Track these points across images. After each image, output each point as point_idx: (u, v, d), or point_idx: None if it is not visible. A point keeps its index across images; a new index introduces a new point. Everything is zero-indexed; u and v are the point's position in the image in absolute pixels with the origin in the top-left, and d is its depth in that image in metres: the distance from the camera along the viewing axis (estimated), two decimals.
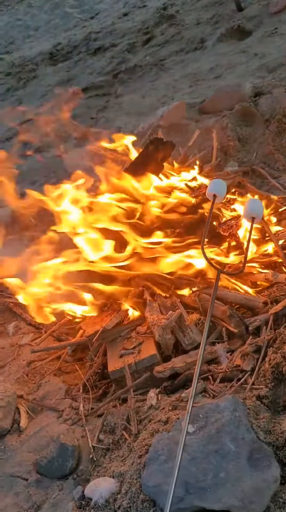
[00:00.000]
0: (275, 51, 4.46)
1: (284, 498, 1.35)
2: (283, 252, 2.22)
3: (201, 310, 2.17)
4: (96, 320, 2.22)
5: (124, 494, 1.51)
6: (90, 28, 8.15)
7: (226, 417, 1.50)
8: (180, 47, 5.72)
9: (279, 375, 1.68)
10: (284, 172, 3.06)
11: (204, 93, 4.17)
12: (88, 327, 2.18)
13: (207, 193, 2.19)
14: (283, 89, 3.42)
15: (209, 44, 5.37)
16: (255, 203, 2.18)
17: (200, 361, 1.65)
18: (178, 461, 1.35)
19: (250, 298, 2.12)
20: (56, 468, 1.76)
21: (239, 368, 1.85)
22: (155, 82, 5.13)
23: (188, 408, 1.48)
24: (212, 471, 1.38)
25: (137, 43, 6.48)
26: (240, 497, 1.32)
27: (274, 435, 1.49)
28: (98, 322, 2.18)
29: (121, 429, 1.82)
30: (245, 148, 3.30)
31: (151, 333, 2.09)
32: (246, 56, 4.65)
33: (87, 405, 2.01)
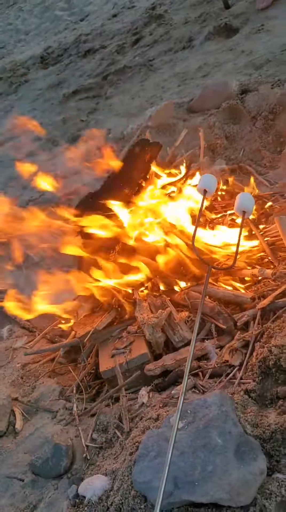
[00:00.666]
0: (262, 47, 4.47)
1: (270, 489, 1.37)
2: (269, 248, 2.25)
3: (190, 307, 2.20)
4: (88, 321, 2.25)
5: (116, 491, 1.54)
6: (80, 30, 8.17)
7: (213, 412, 1.53)
8: (169, 46, 5.74)
9: (266, 369, 1.71)
10: (271, 168, 3.09)
11: (192, 92, 4.18)
12: (80, 329, 2.21)
13: (198, 188, 2.22)
14: (269, 86, 3.44)
15: (197, 43, 5.39)
16: (245, 197, 2.20)
17: (190, 358, 1.68)
18: (168, 457, 1.37)
19: (238, 294, 2.15)
20: (51, 468, 1.79)
21: (228, 364, 1.88)
22: (144, 82, 5.15)
23: (179, 405, 1.51)
24: (200, 465, 1.41)
25: (126, 44, 6.51)
26: (228, 490, 1.34)
27: (261, 428, 1.52)
28: (90, 323, 2.21)
29: (113, 427, 1.85)
30: (233, 146, 3.33)
31: (142, 332, 2.12)
32: (233, 54, 4.67)
33: (80, 405, 2.05)
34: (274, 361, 1.67)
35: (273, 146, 3.22)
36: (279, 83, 3.40)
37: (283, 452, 1.45)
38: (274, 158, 3.16)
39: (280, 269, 2.12)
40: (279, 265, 2.17)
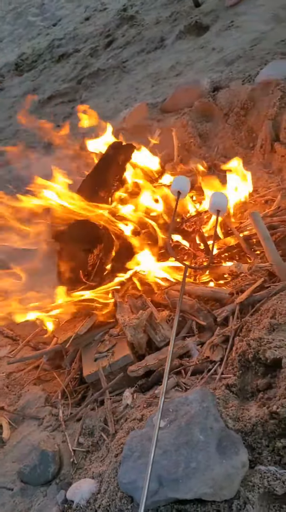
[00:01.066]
0: (232, 44, 4.50)
1: (253, 481, 1.39)
2: (246, 243, 2.27)
3: (170, 306, 2.22)
4: (69, 326, 2.25)
5: (103, 493, 1.55)
6: (53, 35, 8.16)
7: (194, 409, 1.54)
8: (141, 47, 5.76)
9: (245, 363, 1.73)
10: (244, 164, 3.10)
11: (165, 92, 4.20)
12: (61, 334, 2.21)
13: (171, 189, 2.24)
14: (240, 82, 3.47)
15: (168, 43, 5.41)
16: (219, 196, 2.22)
17: (170, 357, 1.69)
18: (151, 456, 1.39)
19: (217, 290, 2.17)
20: (39, 475, 1.79)
21: (209, 360, 1.90)
22: (118, 84, 5.16)
23: (160, 405, 1.52)
24: (183, 462, 1.42)
25: (99, 47, 6.52)
26: (211, 485, 1.36)
27: (243, 421, 1.53)
28: (71, 329, 2.21)
29: (99, 430, 1.86)
30: (206, 144, 3.35)
31: (124, 334, 2.13)
32: (204, 52, 4.69)
33: (66, 411, 2.05)
34: (253, 354, 1.69)
35: (245, 142, 3.25)
36: (250, 79, 3.43)
37: (264, 444, 1.47)
38: (247, 154, 3.18)
39: (256, 263, 2.14)
40: (255, 259, 2.19)
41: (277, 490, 1.35)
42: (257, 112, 3.18)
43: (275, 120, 2.94)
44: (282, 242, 2.24)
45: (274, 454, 1.43)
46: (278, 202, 2.51)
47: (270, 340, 1.67)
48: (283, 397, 1.47)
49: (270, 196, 2.68)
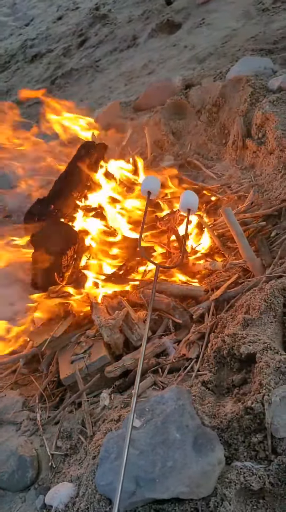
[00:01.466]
0: (204, 41, 4.53)
1: (230, 477, 1.39)
2: (219, 240, 2.28)
3: (146, 305, 2.21)
4: (44, 329, 2.23)
5: (82, 497, 1.53)
6: (26, 35, 8.09)
7: (170, 407, 1.54)
8: (114, 46, 5.75)
9: (221, 359, 1.73)
10: (217, 161, 3.13)
11: (138, 90, 4.21)
12: (36, 338, 2.19)
13: (142, 190, 2.23)
14: (211, 79, 3.48)
15: (141, 41, 5.42)
16: (189, 195, 2.22)
17: (142, 356, 1.68)
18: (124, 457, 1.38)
19: (192, 288, 2.17)
20: (17, 481, 1.77)
21: (185, 357, 1.90)
22: (91, 84, 5.14)
23: (132, 404, 1.52)
24: (160, 461, 1.42)
25: (72, 46, 6.48)
26: (187, 483, 1.36)
27: (219, 418, 1.54)
28: (46, 331, 2.19)
29: (77, 433, 1.84)
30: (180, 141, 3.36)
31: (101, 335, 2.11)
32: (176, 49, 4.71)
33: (44, 414, 2.03)
34: (228, 350, 1.70)
35: (218, 138, 3.26)
36: (221, 76, 3.44)
37: (240, 440, 1.47)
38: (220, 150, 3.19)
39: (230, 260, 2.15)
40: (229, 256, 2.20)
41: (253, 486, 1.35)
42: (229, 108, 3.19)
43: (246, 116, 2.95)
44: (255, 238, 2.25)
45: (250, 450, 1.44)
46: (251, 198, 2.52)
47: (244, 336, 1.68)
48: (257, 392, 1.48)
49: (242, 192, 2.69)
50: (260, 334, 1.67)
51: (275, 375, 1.49)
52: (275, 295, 1.80)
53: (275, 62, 3.40)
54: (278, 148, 2.62)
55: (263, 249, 2.17)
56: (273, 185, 2.57)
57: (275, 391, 1.44)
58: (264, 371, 1.51)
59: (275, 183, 2.55)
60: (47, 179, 2.92)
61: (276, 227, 2.29)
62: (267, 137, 2.76)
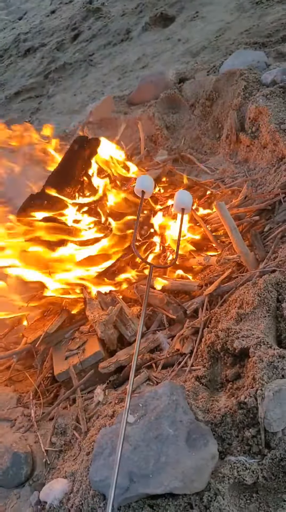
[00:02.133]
0: (198, 34, 4.51)
1: (223, 472, 1.39)
2: (213, 235, 2.27)
3: (140, 301, 2.21)
4: (38, 325, 2.22)
5: (76, 493, 1.53)
6: (19, 29, 8.03)
7: (164, 403, 1.54)
8: (108, 40, 5.71)
9: (214, 354, 1.73)
10: (211, 155, 3.12)
11: (132, 84, 4.18)
12: (30, 334, 2.18)
13: (135, 189, 2.21)
14: (205, 73, 3.46)
15: (135, 34, 5.38)
16: (183, 194, 2.21)
17: (137, 351, 1.68)
18: (118, 453, 1.37)
19: (186, 283, 2.17)
20: (12, 477, 1.77)
21: (179, 352, 1.90)
22: (85, 78, 5.11)
23: (127, 401, 1.51)
24: (154, 457, 1.42)
25: (65, 40, 6.44)
26: (181, 478, 1.36)
27: (212, 413, 1.54)
28: (41, 327, 2.18)
29: (71, 429, 1.84)
30: (173, 136, 3.34)
31: (95, 331, 2.11)
32: (170, 43, 4.68)
33: (39, 411, 2.02)
34: (221, 345, 1.70)
35: (212, 132, 3.24)
36: (215, 69, 3.42)
37: (234, 434, 1.47)
38: (213, 145, 3.18)
39: (224, 255, 2.15)
40: (223, 251, 2.20)
41: (246, 480, 1.35)
42: (222, 102, 3.18)
43: (240, 110, 2.94)
44: (248, 233, 2.24)
45: (244, 444, 1.44)
46: (244, 192, 2.51)
47: (237, 330, 1.68)
48: (251, 386, 1.48)
49: (236, 186, 2.68)
50: (254, 329, 1.67)
51: (268, 370, 1.49)
52: (268, 289, 1.79)
53: (268, 55, 3.38)
54: (272, 142, 2.61)
55: (257, 243, 2.17)
56: (266, 179, 2.56)
57: (268, 386, 1.44)
58: (258, 366, 1.51)
59: (269, 177, 2.55)
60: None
61: (269, 222, 2.28)
62: (260, 131, 2.75)
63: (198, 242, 2.38)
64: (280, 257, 1.99)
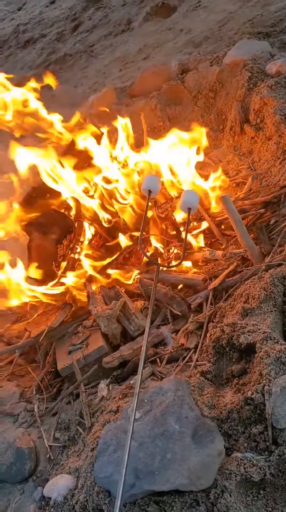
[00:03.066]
0: (200, 25, 4.45)
1: (230, 469, 1.37)
2: (218, 230, 2.25)
3: (144, 295, 2.18)
4: (42, 319, 2.20)
5: (81, 489, 1.52)
6: (18, 20, 7.94)
7: (169, 398, 1.52)
8: (108, 30, 5.65)
9: (220, 349, 1.71)
10: (214, 147, 3.08)
11: (134, 76, 4.14)
12: (34, 328, 2.16)
13: (142, 189, 2.18)
14: (208, 63, 3.41)
15: (136, 25, 5.32)
16: (190, 194, 2.17)
17: (145, 346, 1.65)
18: (126, 453, 1.36)
19: (190, 277, 2.14)
20: (15, 472, 1.76)
21: (184, 347, 1.88)
22: (85, 69, 5.06)
23: (134, 399, 1.49)
24: (159, 454, 1.40)
25: (65, 31, 6.37)
26: (187, 475, 1.34)
27: (218, 409, 1.52)
28: (44, 322, 2.16)
29: (75, 424, 1.82)
30: (176, 127, 3.30)
31: (98, 326, 2.09)
32: (172, 33, 4.63)
33: (42, 406, 2.01)
34: (227, 340, 1.68)
35: (215, 124, 3.21)
36: (218, 60, 3.38)
37: (240, 431, 1.46)
38: (217, 137, 3.15)
39: (230, 249, 2.12)
40: (228, 245, 2.17)
41: (254, 477, 1.34)
42: (226, 93, 3.14)
43: (244, 102, 2.90)
44: (254, 226, 2.22)
45: (250, 441, 1.42)
46: (249, 185, 2.48)
47: (243, 325, 1.66)
48: (257, 382, 1.46)
49: (241, 179, 2.65)
50: (260, 324, 1.65)
51: (275, 365, 1.47)
52: (274, 283, 1.77)
53: (272, 45, 3.34)
54: (277, 133, 2.57)
55: (262, 236, 2.14)
56: (271, 172, 2.53)
57: (276, 382, 1.42)
58: (264, 361, 1.49)
59: (274, 170, 2.52)
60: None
61: (275, 214, 2.25)
62: (265, 122, 2.71)
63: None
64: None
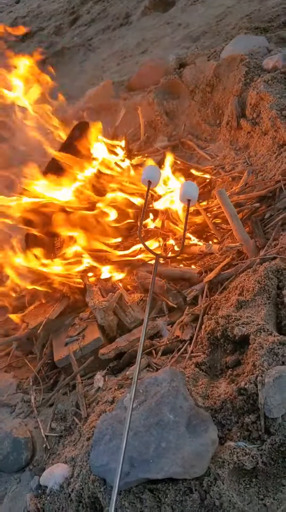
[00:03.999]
0: (198, 19, 4.45)
1: (223, 457, 1.40)
2: (213, 224, 2.27)
3: (141, 288, 2.20)
4: (39, 311, 2.22)
5: (76, 477, 1.54)
6: (16, 13, 7.92)
7: (164, 389, 1.54)
8: (106, 24, 5.64)
9: (214, 341, 1.73)
10: (211, 141, 3.10)
11: (131, 70, 4.14)
12: (31, 320, 2.18)
13: (142, 179, 2.17)
14: (205, 58, 3.42)
15: (134, 19, 5.32)
16: (190, 185, 2.17)
17: (143, 338, 1.67)
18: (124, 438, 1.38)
19: (186, 270, 2.17)
20: (12, 462, 1.78)
21: (179, 339, 1.90)
22: (83, 63, 5.06)
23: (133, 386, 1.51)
24: (154, 443, 1.42)
25: (63, 25, 6.35)
26: (181, 464, 1.37)
27: (212, 399, 1.54)
28: (41, 314, 2.18)
29: (71, 415, 1.85)
30: (173, 122, 3.32)
31: (94, 318, 2.11)
32: (170, 28, 4.63)
33: (38, 397, 2.03)
34: (221, 332, 1.70)
35: (212, 119, 3.22)
36: (215, 55, 3.39)
37: (233, 420, 1.48)
38: (214, 131, 3.16)
39: (226, 243, 2.14)
40: (225, 239, 2.19)
41: (246, 465, 1.36)
42: (223, 88, 3.15)
43: (241, 96, 2.91)
44: (249, 220, 2.24)
45: (243, 430, 1.44)
46: (245, 179, 2.50)
47: (238, 317, 1.68)
48: (251, 373, 1.48)
49: (237, 173, 2.67)
50: (254, 316, 1.67)
51: (268, 356, 1.50)
52: (269, 276, 1.79)
53: (270, 40, 3.34)
54: (273, 128, 2.59)
55: (257, 230, 2.16)
56: (267, 166, 2.54)
57: (269, 372, 1.44)
58: (258, 353, 1.51)
59: (270, 164, 2.53)
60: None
61: (270, 209, 2.27)
62: (261, 117, 2.72)
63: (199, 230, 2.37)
64: (281, 244, 1.98)
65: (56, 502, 1.53)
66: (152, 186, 2.18)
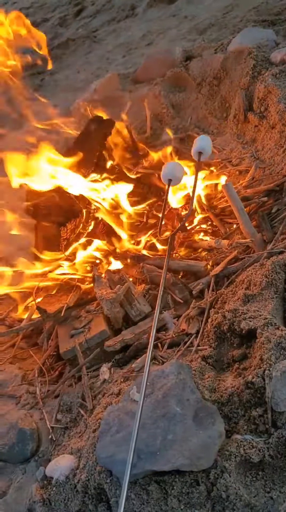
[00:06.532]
0: (205, 11, 4.43)
1: (230, 450, 1.40)
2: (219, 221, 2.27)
3: (148, 280, 2.20)
4: (51, 300, 2.23)
5: (83, 469, 1.55)
6: (20, 3, 7.86)
7: (171, 381, 1.54)
8: (112, 16, 5.61)
9: (221, 334, 1.74)
10: (218, 135, 3.08)
11: (137, 62, 4.12)
12: (48, 307, 2.18)
13: (162, 177, 2.12)
14: (212, 51, 3.40)
15: (140, 11, 5.28)
16: (203, 139, 2.12)
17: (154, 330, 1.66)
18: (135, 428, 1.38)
19: (192, 264, 2.16)
20: (17, 453, 1.79)
21: (185, 332, 1.90)
22: (88, 55, 5.03)
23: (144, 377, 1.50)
24: (161, 435, 1.43)
25: (68, 16, 6.31)
26: (188, 456, 1.37)
27: (219, 392, 1.55)
28: (55, 302, 2.19)
29: (77, 406, 1.85)
30: (180, 115, 3.30)
31: (100, 310, 2.11)
32: (176, 20, 4.60)
33: (44, 388, 2.03)
34: (228, 326, 1.70)
35: (219, 112, 3.21)
36: (222, 47, 3.36)
37: (240, 413, 1.48)
38: (220, 124, 3.15)
39: (236, 239, 2.14)
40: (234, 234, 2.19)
41: (253, 458, 1.37)
42: (230, 81, 3.14)
43: (248, 90, 2.90)
44: (256, 214, 2.23)
45: (250, 423, 1.45)
46: (252, 173, 2.49)
47: (244, 311, 1.68)
48: (258, 367, 1.49)
49: (244, 167, 2.66)
50: (261, 310, 1.67)
51: (276, 350, 1.50)
52: (276, 271, 1.79)
53: (277, 33, 3.32)
54: (281, 122, 2.58)
55: (264, 224, 2.16)
56: (275, 160, 2.53)
57: (276, 366, 1.45)
58: (265, 346, 1.51)
59: (277, 158, 2.52)
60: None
61: (277, 203, 2.27)
62: (269, 111, 2.71)
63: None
64: None
65: (62, 493, 1.54)
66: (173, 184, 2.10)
